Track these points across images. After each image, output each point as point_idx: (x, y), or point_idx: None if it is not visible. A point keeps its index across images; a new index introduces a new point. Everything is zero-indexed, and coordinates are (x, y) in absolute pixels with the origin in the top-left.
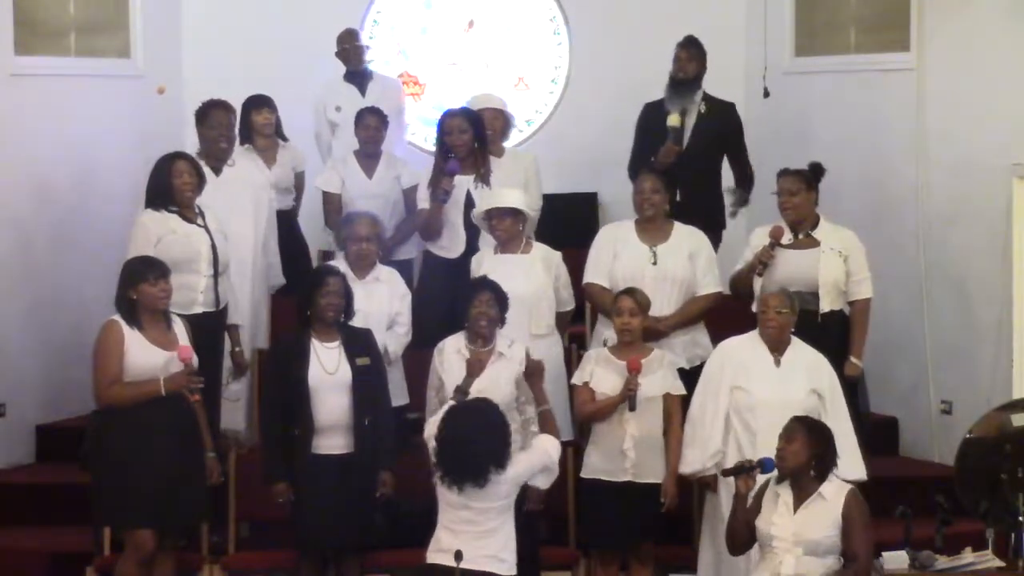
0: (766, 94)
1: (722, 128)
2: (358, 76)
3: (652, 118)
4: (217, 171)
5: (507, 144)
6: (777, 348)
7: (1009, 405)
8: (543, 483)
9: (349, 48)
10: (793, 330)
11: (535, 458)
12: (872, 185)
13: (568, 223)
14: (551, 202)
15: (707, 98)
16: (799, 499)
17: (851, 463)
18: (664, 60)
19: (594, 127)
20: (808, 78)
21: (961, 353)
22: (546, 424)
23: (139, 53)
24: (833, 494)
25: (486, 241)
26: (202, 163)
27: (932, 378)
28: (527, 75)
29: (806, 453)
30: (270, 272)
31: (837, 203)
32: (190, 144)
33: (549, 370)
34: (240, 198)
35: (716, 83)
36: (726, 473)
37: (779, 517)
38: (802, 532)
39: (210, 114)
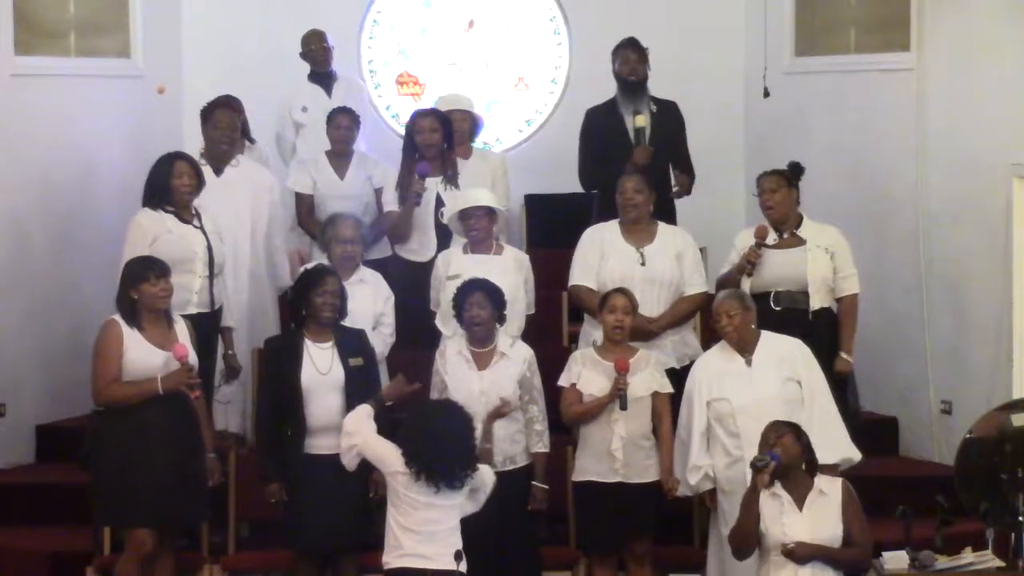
0: (766, 94)
1: (671, 127)
2: (324, 77)
3: (597, 124)
4: (218, 171)
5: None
6: (745, 349)
7: (1009, 405)
8: (469, 507)
9: (316, 49)
10: (755, 325)
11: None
12: (872, 185)
13: (568, 223)
14: (551, 202)
15: (653, 99)
16: (799, 496)
17: (842, 444)
18: (664, 60)
19: None
20: (808, 78)
21: (961, 353)
22: (484, 458)
23: (139, 53)
24: (829, 487)
25: (454, 241)
26: (203, 163)
27: (932, 378)
28: (527, 75)
29: (798, 445)
30: (277, 272)
31: (837, 203)
32: (190, 144)
33: None
34: (238, 199)
35: (716, 83)
36: (752, 465)
37: (788, 517)
38: (816, 530)
39: (213, 114)
